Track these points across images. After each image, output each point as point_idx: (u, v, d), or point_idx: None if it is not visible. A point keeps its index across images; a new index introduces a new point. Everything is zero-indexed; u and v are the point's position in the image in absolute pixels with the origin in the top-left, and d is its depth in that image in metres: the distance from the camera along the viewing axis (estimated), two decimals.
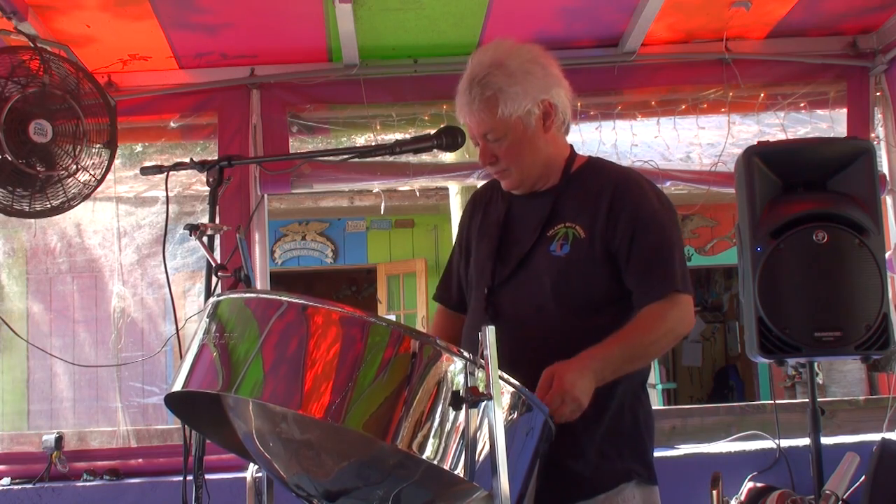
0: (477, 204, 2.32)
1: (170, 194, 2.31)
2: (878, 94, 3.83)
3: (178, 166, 2.14)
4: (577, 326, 1.99)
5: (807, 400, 3.09)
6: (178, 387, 1.61)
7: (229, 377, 1.54)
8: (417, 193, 5.89)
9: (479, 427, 1.48)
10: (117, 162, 3.45)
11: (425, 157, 3.76)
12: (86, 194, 3.17)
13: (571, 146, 2.18)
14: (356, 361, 1.48)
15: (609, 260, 2.02)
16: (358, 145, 4.00)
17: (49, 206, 3.09)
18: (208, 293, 1.98)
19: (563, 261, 2.03)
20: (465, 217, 2.36)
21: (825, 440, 3.06)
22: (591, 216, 2.04)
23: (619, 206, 2.02)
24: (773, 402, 3.73)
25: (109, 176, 3.31)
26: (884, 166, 3.84)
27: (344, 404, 1.44)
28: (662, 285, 1.99)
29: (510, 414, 1.60)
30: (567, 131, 2.17)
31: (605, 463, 1.98)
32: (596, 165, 2.16)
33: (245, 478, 1.93)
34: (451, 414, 1.48)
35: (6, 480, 3.49)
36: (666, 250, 2.02)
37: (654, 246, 2.01)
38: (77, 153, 3.09)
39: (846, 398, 5.48)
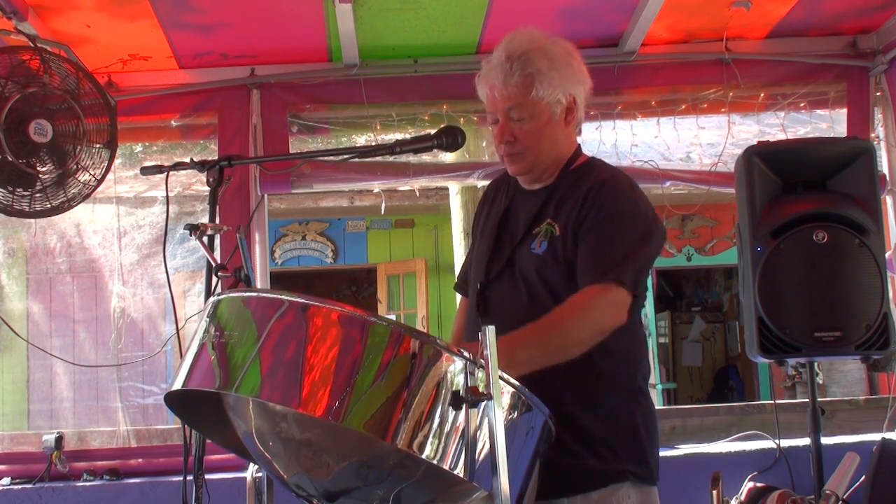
0: (486, 198, 2.34)
1: (170, 194, 2.31)
2: (878, 94, 3.83)
3: (178, 166, 2.14)
4: None
5: (807, 400, 3.08)
6: (178, 385, 1.61)
7: (229, 376, 1.54)
8: (417, 193, 5.90)
9: (479, 427, 1.48)
10: (117, 162, 3.45)
11: (425, 157, 3.76)
12: (86, 194, 3.17)
13: (579, 146, 2.19)
14: (356, 362, 1.48)
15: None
16: (358, 145, 4.00)
17: (49, 206, 3.09)
18: (208, 293, 1.98)
19: (540, 258, 2.04)
20: (477, 209, 2.39)
21: (825, 440, 3.06)
22: (568, 215, 2.04)
23: (591, 201, 2.01)
24: (773, 402, 3.73)
25: (109, 176, 3.31)
26: (884, 166, 3.84)
27: (344, 404, 1.44)
28: (604, 270, 1.94)
29: (510, 414, 1.60)
30: (580, 132, 2.19)
31: (599, 462, 1.98)
32: (590, 165, 2.16)
33: (245, 478, 1.93)
34: (451, 414, 1.48)
35: (6, 480, 3.49)
36: (622, 243, 1.98)
37: (609, 235, 1.98)
38: (77, 153, 3.09)
39: (846, 398, 5.47)
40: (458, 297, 2.43)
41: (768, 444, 3.55)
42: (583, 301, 1.94)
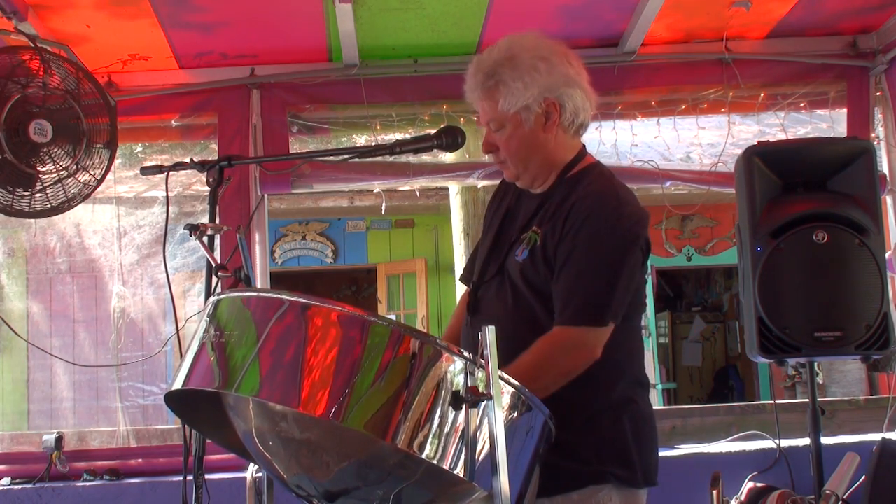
0: (497, 193, 2.32)
1: (170, 194, 2.31)
2: (878, 94, 3.83)
3: (178, 166, 2.14)
4: (536, 331, 1.97)
5: (807, 400, 3.09)
6: (178, 385, 1.61)
7: (230, 375, 1.54)
8: (417, 193, 5.89)
9: (479, 427, 1.48)
10: (117, 162, 3.44)
11: (425, 157, 3.76)
12: (86, 194, 3.17)
13: (583, 147, 2.15)
14: (356, 361, 1.48)
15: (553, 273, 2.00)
16: (358, 145, 4.00)
17: (49, 206, 3.09)
18: (208, 293, 1.98)
19: (521, 265, 2.04)
20: (489, 203, 2.36)
21: (825, 440, 3.06)
22: (551, 226, 2.02)
23: (571, 223, 1.98)
24: (773, 402, 3.73)
25: (109, 176, 3.31)
26: (884, 166, 3.84)
27: (344, 403, 1.44)
28: (574, 313, 1.94)
29: (510, 414, 1.59)
30: (579, 132, 2.13)
31: (578, 463, 1.97)
32: (586, 173, 2.10)
33: (245, 478, 1.94)
34: (451, 414, 1.48)
35: (6, 480, 3.49)
36: (586, 277, 1.95)
37: (576, 271, 1.95)
38: (77, 153, 3.09)
39: (846, 398, 5.48)
40: (461, 289, 2.41)
41: (768, 444, 3.54)
42: (550, 349, 1.93)
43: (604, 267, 1.96)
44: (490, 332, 1.48)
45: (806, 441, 3.11)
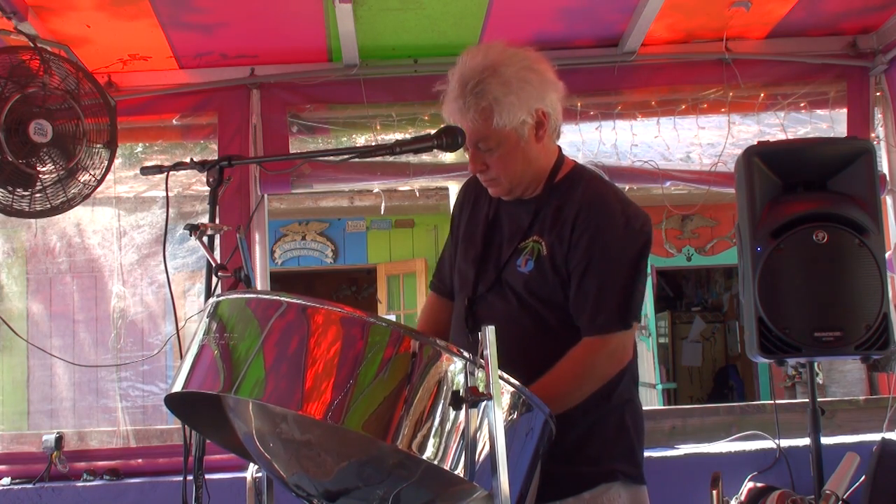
0: (468, 195, 2.27)
1: (170, 194, 2.31)
2: (878, 94, 3.83)
3: (178, 166, 2.14)
4: (548, 341, 1.99)
5: (807, 400, 3.09)
6: (177, 387, 1.61)
7: (229, 378, 1.54)
8: (417, 193, 5.90)
9: (479, 427, 1.48)
10: (117, 162, 3.45)
11: (425, 157, 3.76)
12: (86, 194, 3.17)
13: (559, 150, 2.14)
14: (356, 362, 1.48)
15: (565, 282, 2.00)
16: (358, 145, 4.00)
17: (49, 206, 3.09)
18: (208, 293, 1.98)
19: (526, 277, 2.03)
20: (456, 206, 2.32)
21: (825, 440, 3.06)
22: (556, 235, 2.02)
23: (581, 231, 1.99)
24: (773, 402, 3.73)
25: (109, 176, 3.31)
26: (884, 166, 3.84)
27: (344, 405, 1.44)
28: (604, 321, 1.96)
29: (510, 414, 1.60)
30: (558, 136, 2.14)
31: (589, 463, 1.99)
32: (575, 177, 2.10)
33: (245, 478, 1.94)
34: (451, 414, 1.48)
35: (6, 480, 3.49)
36: (611, 283, 1.97)
37: (600, 279, 1.97)
38: (77, 153, 3.09)
39: (846, 398, 5.47)
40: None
41: (768, 444, 3.55)
42: (592, 357, 1.96)
43: (624, 271, 1.99)
44: (490, 332, 1.48)
45: (806, 441, 3.11)
